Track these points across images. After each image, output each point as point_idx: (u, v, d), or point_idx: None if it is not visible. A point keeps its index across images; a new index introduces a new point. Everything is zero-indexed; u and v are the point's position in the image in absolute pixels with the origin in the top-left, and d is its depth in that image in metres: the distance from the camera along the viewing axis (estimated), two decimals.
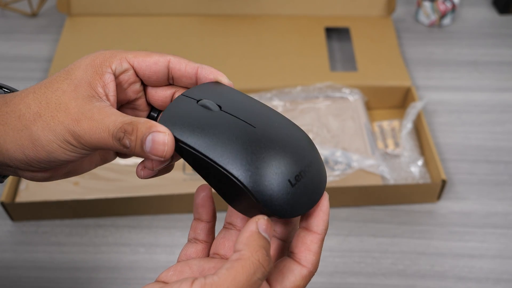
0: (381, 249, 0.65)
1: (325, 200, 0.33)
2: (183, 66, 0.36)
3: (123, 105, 0.38)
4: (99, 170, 0.70)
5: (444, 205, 0.70)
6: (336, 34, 0.92)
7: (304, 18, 0.89)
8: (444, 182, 0.67)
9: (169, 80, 0.37)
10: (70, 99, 0.33)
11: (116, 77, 0.35)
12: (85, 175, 0.70)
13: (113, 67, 0.35)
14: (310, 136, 0.73)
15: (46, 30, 0.95)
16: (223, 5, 0.89)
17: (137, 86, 0.37)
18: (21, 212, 0.67)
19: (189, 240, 0.37)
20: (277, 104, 0.77)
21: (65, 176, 0.38)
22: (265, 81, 0.79)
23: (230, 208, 0.36)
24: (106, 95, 0.34)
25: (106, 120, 0.32)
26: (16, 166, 0.34)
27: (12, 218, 0.68)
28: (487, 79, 0.86)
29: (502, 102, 0.82)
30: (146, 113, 0.39)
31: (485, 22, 0.96)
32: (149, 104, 0.39)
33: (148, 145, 0.31)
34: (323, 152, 0.71)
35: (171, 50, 0.83)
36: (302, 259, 0.32)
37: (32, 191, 0.68)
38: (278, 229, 0.35)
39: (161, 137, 0.31)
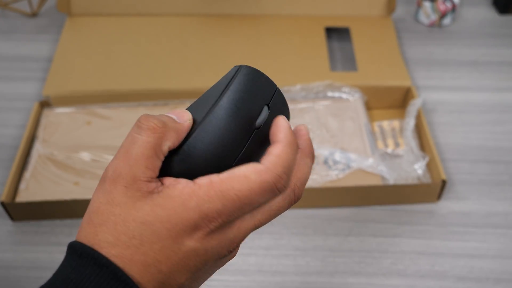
0: (381, 249, 0.65)
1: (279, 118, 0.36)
2: None
3: None
4: (99, 170, 0.70)
5: (444, 205, 0.70)
6: (336, 34, 0.92)
7: (304, 18, 0.89)
8: (444, 182, 0.67)
9: None
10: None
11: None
12: (85, 174, 0.70)
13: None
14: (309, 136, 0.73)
15: (46, 30, 0.95)
16: (223, 5, 0.89)
17: None
18: (21, 212, 0.67)
19: None
20: None
21: None
22: None
23: None
24: None
25: None
26: None
27: (12, 218, 0.68)
28: (487, 79, 0.86)
29: (502, 102, 0.82)
30: None
31: (485, 22, 0.96)
32: None
33: None
34: (322, 152, 0.71)
35: (171, 50, 0.84)
36: (262, 159, 0.34)
37: (32, 191, 0.68)
38: None
39: None
